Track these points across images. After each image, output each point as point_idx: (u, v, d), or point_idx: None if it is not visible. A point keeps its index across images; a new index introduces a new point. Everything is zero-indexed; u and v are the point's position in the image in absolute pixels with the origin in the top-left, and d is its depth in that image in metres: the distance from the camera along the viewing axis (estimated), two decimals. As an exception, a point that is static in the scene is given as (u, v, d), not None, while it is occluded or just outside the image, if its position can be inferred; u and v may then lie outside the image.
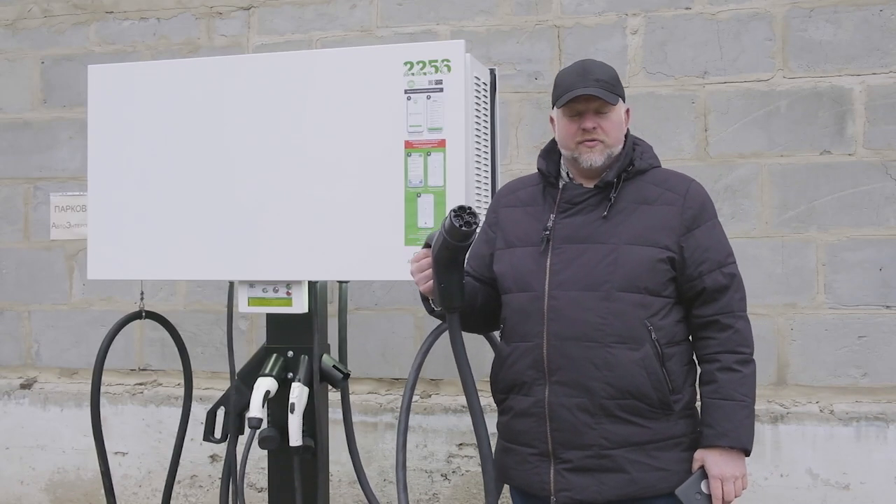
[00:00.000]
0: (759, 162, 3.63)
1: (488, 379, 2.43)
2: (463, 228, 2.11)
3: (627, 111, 2.37)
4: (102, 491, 3.32)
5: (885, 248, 3.53)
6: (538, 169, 2.41)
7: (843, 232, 3.56)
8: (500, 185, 3.04)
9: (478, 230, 2.19)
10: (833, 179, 3.57)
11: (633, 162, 2.32)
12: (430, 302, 2.36)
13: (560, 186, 2.36)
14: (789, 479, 3.51)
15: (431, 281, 2.26)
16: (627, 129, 2.38)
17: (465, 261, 2.31)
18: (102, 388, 3.33)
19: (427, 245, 2.28)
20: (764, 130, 3.63)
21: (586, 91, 2.25)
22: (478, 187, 2.84)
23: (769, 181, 3.62)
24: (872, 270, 3.54)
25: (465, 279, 2.31)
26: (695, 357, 2.33)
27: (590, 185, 2.33)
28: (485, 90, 2.94)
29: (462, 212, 2.13)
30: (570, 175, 2.37)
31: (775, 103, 3.62)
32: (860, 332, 3.54)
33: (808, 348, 3.59)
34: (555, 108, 2.35)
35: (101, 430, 3.24)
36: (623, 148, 2.34)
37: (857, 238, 3.55)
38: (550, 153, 2.41)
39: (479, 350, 3.06)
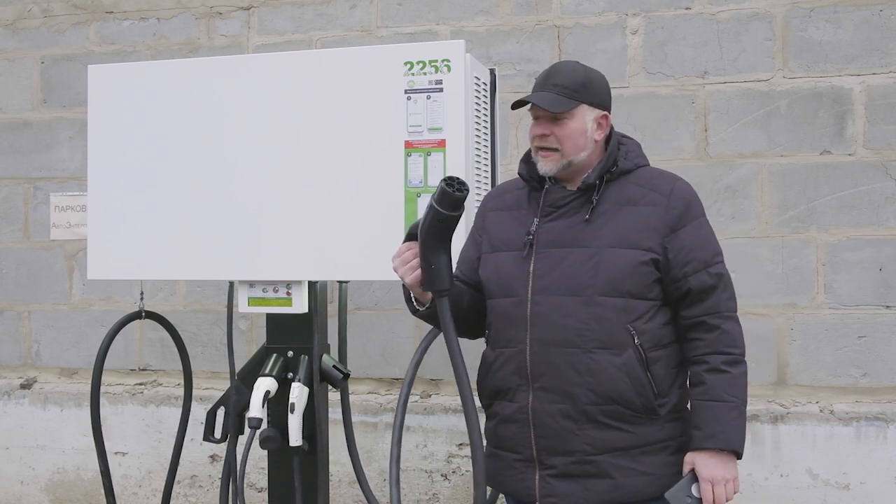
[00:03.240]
0: (758, 162, 3.63)
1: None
2: (456, 193, 2.08)
3: (606, 116, 2.31)
4: (102, 491, 3.32)
5: (885, 248, 3.53)
6: (518, 174, 2.38)
7: (842, 232, 3.56)
8: (500, 185, 3.05)
9: (468, 195, 2.15)
10: (833, 179, 3.57)
11: (617, 162, 2.28)
12: (414, 302, 2.32)
13: (543, 189, 2.33)
14: (789, 479, 3.51)
15: (418, 270, 2.20)
16: (611, 130, 2.33)
17: (455, 265, 2.28)
18: (102, 388, 3.33)
19: (410, 237, 2.25)
20: (764, 130, 3.63)
21: (531, 98, 2.25)
22: (478, 187, 2.83)
23: (769, 181, 3.62)
24: (872, 270, 3.54)
25: (454, 283, 2.28)
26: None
27: (573, 187, 2.30)
28: (485, 90, 2.93)
29: (452, 180, 2.11)
30: (554, 178, 2.33)
31: (775, 103, 3.62)
32: (860, 332, 3.54)
33: (808, 348, 3.59)
34: None
35: (100, 430, 3.24)
36: (606, 149, 2.30)
37: (857, 238, 3.55)
38: None
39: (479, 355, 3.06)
